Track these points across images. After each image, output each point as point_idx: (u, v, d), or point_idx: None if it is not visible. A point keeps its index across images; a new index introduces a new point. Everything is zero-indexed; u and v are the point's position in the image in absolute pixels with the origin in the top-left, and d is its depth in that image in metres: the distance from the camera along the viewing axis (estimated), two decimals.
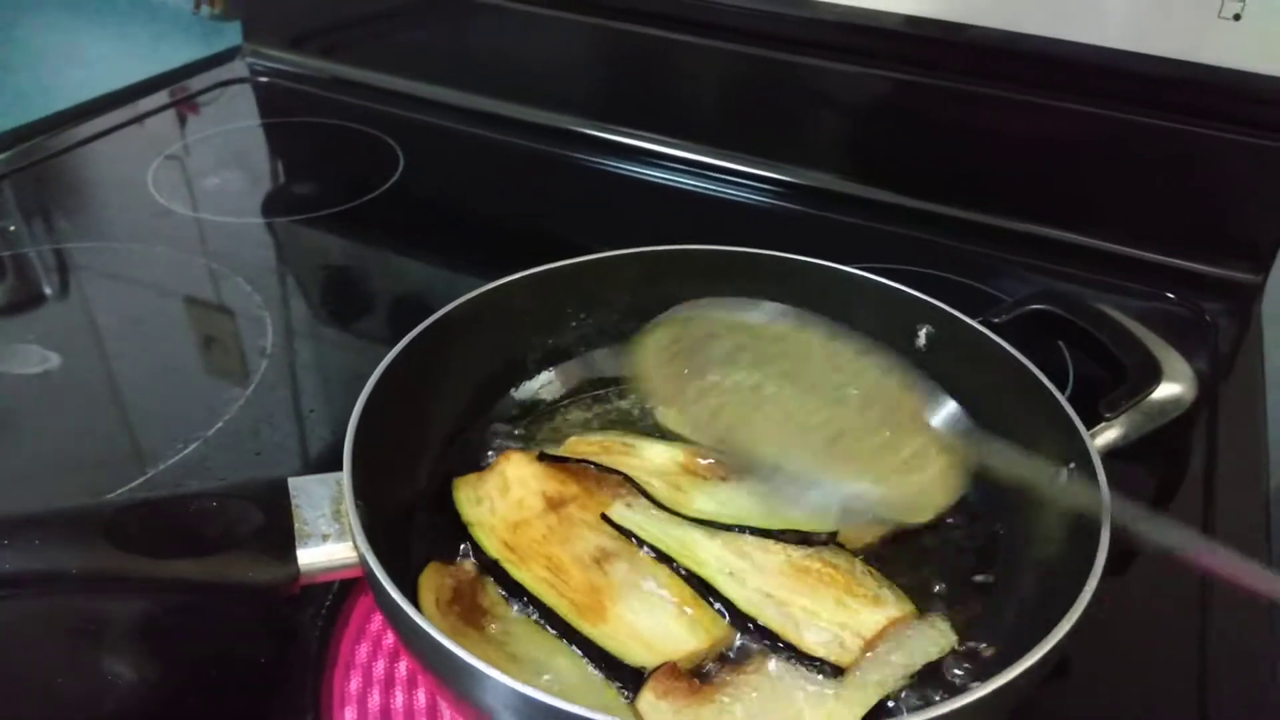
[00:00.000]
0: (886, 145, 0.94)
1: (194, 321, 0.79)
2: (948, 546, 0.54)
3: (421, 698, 0.52)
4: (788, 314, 0.47)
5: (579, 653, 0.47)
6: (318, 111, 1.14)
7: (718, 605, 0.49)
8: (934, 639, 0.48)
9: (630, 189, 1.00)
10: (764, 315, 0.48)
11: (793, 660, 0.46)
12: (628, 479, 0.55)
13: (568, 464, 0.56)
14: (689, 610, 0.49)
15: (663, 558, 0.51)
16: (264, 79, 1.21)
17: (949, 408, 0.45)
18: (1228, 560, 0.38)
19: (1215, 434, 0.67)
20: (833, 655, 0.46)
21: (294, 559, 0.43)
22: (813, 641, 0.47)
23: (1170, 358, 0.55)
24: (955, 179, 0.91)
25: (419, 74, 1.13)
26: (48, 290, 0.85)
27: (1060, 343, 0.71)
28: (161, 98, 1.16)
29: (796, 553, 0.51)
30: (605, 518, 0.53)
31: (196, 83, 1.19)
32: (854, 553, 0.53)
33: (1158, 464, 0.66)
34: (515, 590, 0.50)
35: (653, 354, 0.50)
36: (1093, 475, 0.45)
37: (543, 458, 0.56)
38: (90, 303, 0.83)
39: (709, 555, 0.51)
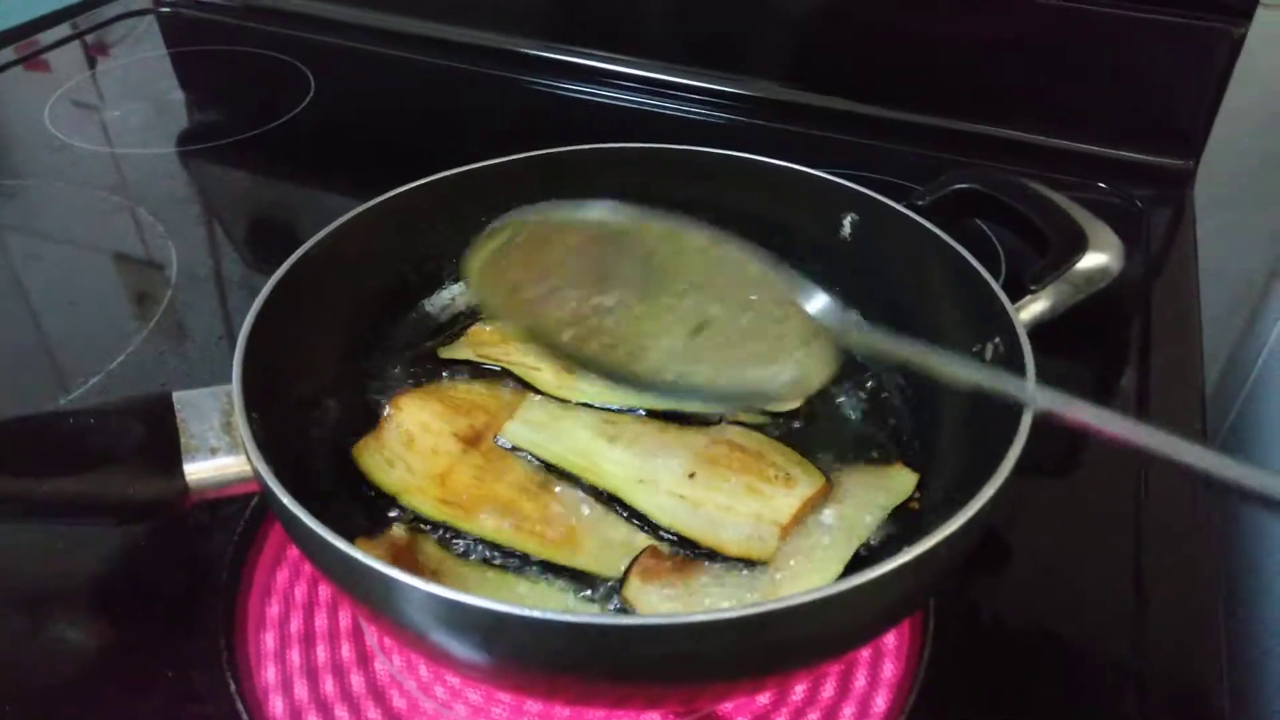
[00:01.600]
0: (820, 49, 0.91)
1: (94, 254, 0.75)
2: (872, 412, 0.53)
3: (344, 620, 0.50)
4: (627, 210, 0.43)
5: (545, 578, 0.45)
6: (225, 39, 1.08)
7: (634, 519, 0.47)
8: (896, 484, 0.48)
9: (563, 108, 0.96)
10: (603, 213, 0.44)
11: (717, 561, 0.45)
12: (508, 374, 0.54)
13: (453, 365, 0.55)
14: None
15: (568, 476, 0.49)
16: (168, 9, 1.15)
17: (818, 295, 0.41)
18: (1157, 438, 0.35)
19: (1149, 322, 0.67)
20: (753, 551, 0.45)
21: (180, 473, 0.40)
22: (731, 540, 0.46)
23: (1095, 227, 0.54)
24: (886, 80, 0.89)
25: None
26: None
27: (986, 229, 0.70)
28: (63, 30, 1.11)
29: (700, 438, 0.50)
30: (499, 442, 0.51)
31: (99, 14, 1.14)
32: (762, 427, 0.52)
33: (1093, 354, 0.65)
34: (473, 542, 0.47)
35: (487, 264, 0.45)
36: (1018, 347, 0.44)
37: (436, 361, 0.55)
38: None
39: (614, 465, 0.49)
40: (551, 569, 0.46)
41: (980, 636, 0.47)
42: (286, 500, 0.37)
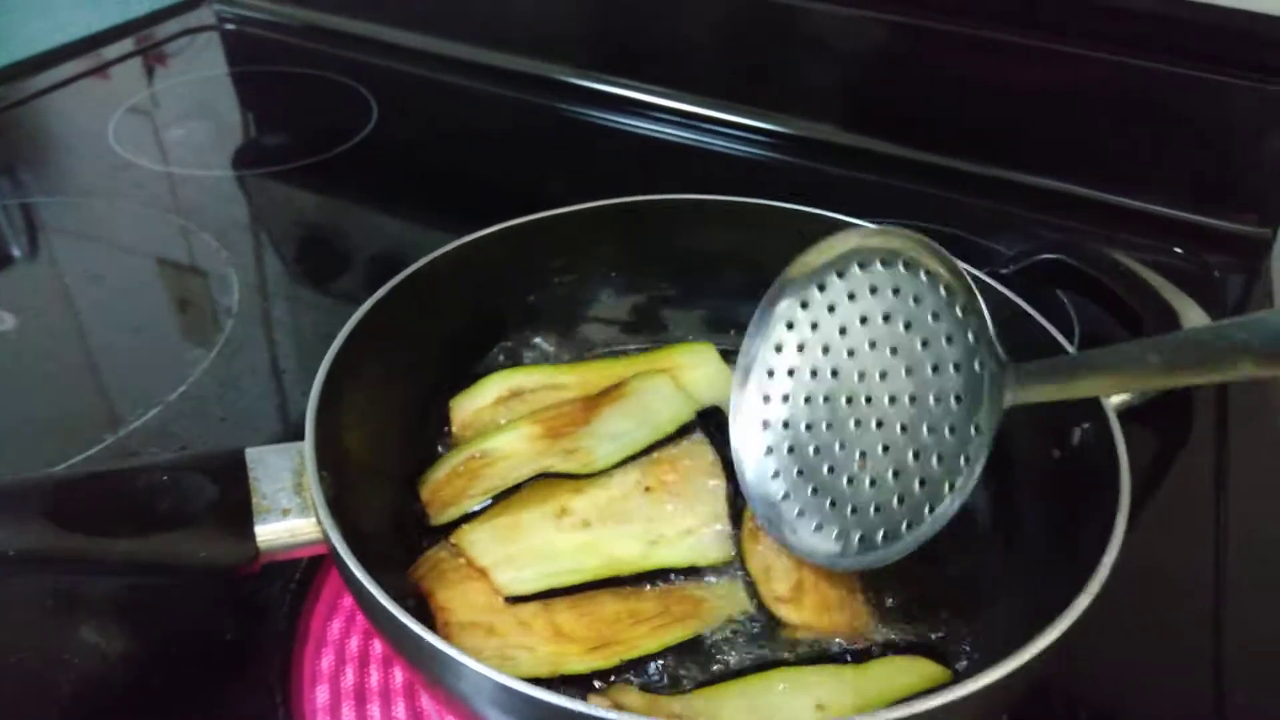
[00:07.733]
0: (885, 94, 0.90)
1: (156, 280, 0.75)
2: None
3: (398, 676, 0.49)
4: None
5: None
6: (287, 60, 1.09)
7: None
8: None
9: (618, 141, 0.96)
10: None
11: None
12: (543, 476, 0.50)
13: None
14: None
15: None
16: (232, 26, 1.16)
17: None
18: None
19: (1225, 396, 0.65)
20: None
21: (252, 536, 0.40)
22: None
23: (1187, 307, 0.52)
24: (955, 130, 0.87)
25: (392, 19, 1.08)
26: (9, 249, 0.81)
27: (1064, 297, 0.68)
28: (126, 46, 1.12)
29: (633, 474, 0.51)
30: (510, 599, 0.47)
31: (161, 31, 1.15)
32: None
33: (1166, 427, 0.63)
34: None
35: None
36: (1109, 436, 0.42)
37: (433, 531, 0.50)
38: (48, 261, 0.79)
39: (623, 541, 0.48)
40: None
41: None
42: (359, 572, 0.37)
